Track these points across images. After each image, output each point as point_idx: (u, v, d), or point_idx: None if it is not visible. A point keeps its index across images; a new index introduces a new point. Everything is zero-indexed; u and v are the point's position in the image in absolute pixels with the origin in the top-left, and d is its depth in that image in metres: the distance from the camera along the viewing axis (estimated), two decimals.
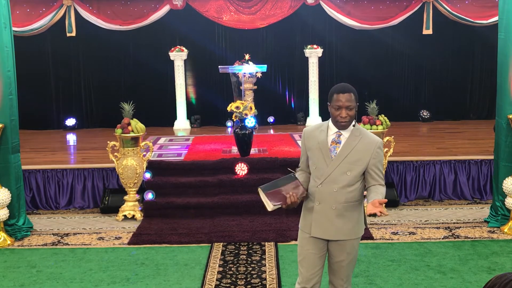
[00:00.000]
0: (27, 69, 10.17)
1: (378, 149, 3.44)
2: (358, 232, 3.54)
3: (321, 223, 3.48)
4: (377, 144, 3.45)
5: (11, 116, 6.24)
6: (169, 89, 10.91)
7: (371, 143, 3.44)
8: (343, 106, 3.39)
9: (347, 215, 3.46)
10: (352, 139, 3.44)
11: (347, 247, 3.51)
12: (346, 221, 3.46)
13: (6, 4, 6.23)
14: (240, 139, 7.56)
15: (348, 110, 3.40)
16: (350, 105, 3.40)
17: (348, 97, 3.41)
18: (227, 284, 4.98)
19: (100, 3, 10.63)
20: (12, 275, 5.27)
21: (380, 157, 3.46)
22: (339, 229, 3.47)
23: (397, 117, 10.20)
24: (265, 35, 11.20)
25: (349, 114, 3.40)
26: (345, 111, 3.40)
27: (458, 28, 10.88)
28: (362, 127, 3.57)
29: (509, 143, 6.31)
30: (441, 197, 7.62)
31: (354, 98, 3.44)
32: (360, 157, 3.41)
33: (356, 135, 3.46)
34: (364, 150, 3.42)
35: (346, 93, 3.42)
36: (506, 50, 6.24)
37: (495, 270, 5.16)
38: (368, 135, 3.50)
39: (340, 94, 3.41)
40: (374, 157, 3.42)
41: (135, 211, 6.95)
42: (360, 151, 3.42)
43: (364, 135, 3.48)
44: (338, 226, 3.46)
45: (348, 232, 3.48)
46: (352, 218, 3.48)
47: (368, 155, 3.41)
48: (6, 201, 6.12)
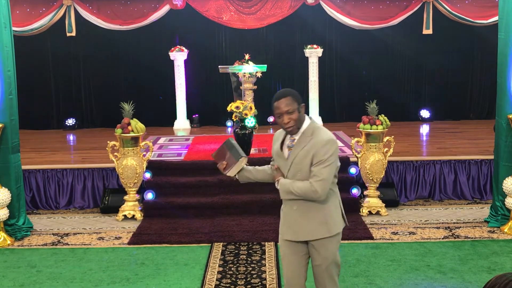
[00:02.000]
0: (27, 69, 10.18)
1: (322, 147, 3.34)
2: (326, 231, 3.44)
3: (288, 224, 3.51)
4: (321, 142, 3.35)
5: (11, 116, 6.24)
6: (169, 89, 10.91)
7: (318, 142, 3.36)
8: (283, 112, 3.36)
9: (311, 215, 3.43)
10: (302, 141, 3.40)
11: (320, 250, 3.46)
12: (310, 221, 3.43)
13: (6, 4, 6.22)
14: (240, 139, 7.56)
15: (289, 115, 3.35)
16: (289, 109, 3.35)
17: (285, 102, 3.35)
18: (227, 284, 4.98)
19: (100, 3, 10.63)
20: (12, 275, 5.27)
21: (323, 155, 3.33)
22: (304, 229, 3.45)
23: (397, 117, 10.20)
24: (265, 35, 11.20)
25: (292, 118, 3.36)
26: (287, 116, 3.36)
27: (458, 28, 10.88)
28: (317, 126, 3.46)
29: (509, 143, 6.31)
30: (441, 197, 7.62)
31: (293, 100, 3.37)
32: (305, 157, 3.37)
33: (307, 136, 3.40)
34: (310, 150, 3.36)
35: (282, 98, 3.37)
36: (506, 50, 6.24)
37: (495, 270, 5.16)
38: (319, 135, 3.40)
39: (276, 101, 3.39)
40: (316, 155, 3.33)
41: (135, 211, 6.95)
42: (307, 151, 3.37)
43: (316, 136, 3.39)
44: (302, 226, 3.45)
45: (314, 232, 3.44)
46: (317, 217, 3.43)
47: (312, 154, 3.35)
48: (6, 201, 6.12)
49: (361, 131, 6.96)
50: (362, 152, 6.99)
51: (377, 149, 6.93)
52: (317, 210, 3.42)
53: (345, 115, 11.29)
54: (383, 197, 7.11)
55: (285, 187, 3.42)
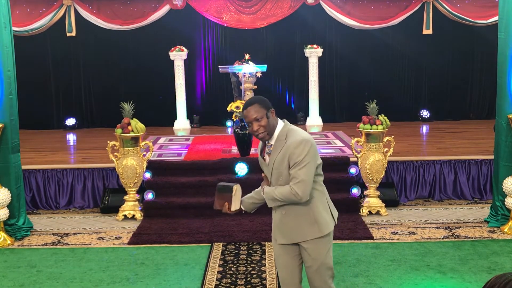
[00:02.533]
0: (27, 69, 10.17)
1: (295, 148, 3.31)
2: (317, 232, 3.42)
3: (279, 229, 3.52)
4: (294, 144, 3.32)
5: (11, 116, 6.24)
6: (169, 89, 10.91)
7: (291, 144, 3.33)
8: (251, 120, 3.36)
9: (300, 217, 3.42)
10: (277, 146, 3.40)
11: (310, 251, 3.45)
12: (300, 223, 3.43)
13: (6, 4, 6.22)
14: (240, 138, 7.56)
15: (258, 122, 3.35)
16: (256, 116, 3.34)
17: (253, 109, 3.36)
18: (227, 284, 4.98)
19: (100, 3, 10.64)
20: (12, 275, 5.27)
21: (297, 156, 3.31)
22: (294, 232, 3.45)
23: (397, 117, 10.19)
24: (265, 35, 11.20)
25: (261, 125, 3.36)
26: (256, 124, 3.36)
27: (458, 28, 10.88)
28: (290, 129, 3.43)
29: (509, 143, 6.31)
30: (441, 197, 7.62)
31: (260, 107, 3.37)
32: (282, 161, 3.36)
33: (282, 139, 3.40)
34: (285, 153, 3.35)
35: (248, 106, 3.38)
36: (506, 50, 6.23)
37: (495, 270, 5.16)
38: (292, 136, 3.38)
39: (244, 110, 3.41)
40: (291, 158, 3.32)
41: (135, 211, 6.95)
42: (283, 155, 3.36)
43: (289, 137, 3.38)
44: (293, 229, 3.45)
45: (305, 233, 3.42)
46: (306, 219, 3.41)
47: (287, 157, 3.34)
48: (6, 201, 6.12)
49: (361, 131, 6.96)
50: (362, 152, 6.99)
51: (377, 149, 6.93)
52: (305, 212, 3.41)
53: (345, 115, 11.29)
54: (383, 197, 7.11)
55: (269, 195, 3.42)
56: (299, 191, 3.30)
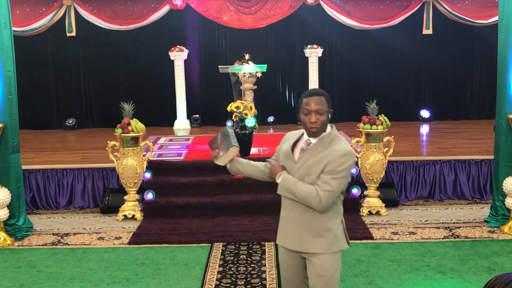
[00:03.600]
0: (27, 69, 10.17)
1: (339, 157, 3.09)
2: (325, 246, 3.16)
3: (285, 230, 3.28)
4: (339, 152, 3.11)
5: (11, 116, 6.24)
6: (169, 89, 10.91)
7: (336, 150, 3.12)
8: (312, 110, 3.11)
9: (311, 225, 3.17)
10: (318, 146, 3.16)
11: (315, 266, 3.18)
12: (307, 231, 3.17)
13: (6, 4, 6.22)
14: (240, 139, 7.55)
15: (318, 115, 3.11)
16: (319, 109, 3.11)
17: (318, 101, 3.12)
18: (227, 284, 4.98)
19: (100, 3, 10.63)
20: (12, 275, 5.27)
21: (338, 165, 3.09)
22: (300, 240, 3.19)
23: (397, 117, 10.19)
24: (265, 35, 11.20)
25: (320, 119, 3.12)
26: (315, 116, 3.11)
27: (458, 28, 10.88)
28: (338, 136, 3.22)
29: (509, 143, 6.31)
30: (441, 197, 7.62)
31: (326, 102, 3.14)
32: (318, 163, 3.12)
33: (325, 142, 3.17)
34: (326, 156, 3.11)
35: (315, 95, 3.14)
36: (506, 50, 6.24)
37: (495, 270, 5.16)
38: (338, 144, 3.16)
39: (309, 97, 3.14)
40: (329, 163, 3.09)
41: (135, 211, 6.95)
42: (322, 157, 3.12)
43: (334, 144, 3.16)
44: (300, 236, 3.19)
45: (310, 245, 3.16)
46: (315, 229, 3.17)
47: (325, 161, 3.11)
48: (6, 201, 6.12)
49: (361, 131, 6.97)
50: (362, 152, 6.99)
51: (377, 149, 6.93)
52: (318, 222, 3.17)
53: (345, 115, 11.28)
54: (383, 197, 7.11)
55: (287, 183, 3.16)
56: (323, 198, 3.08)
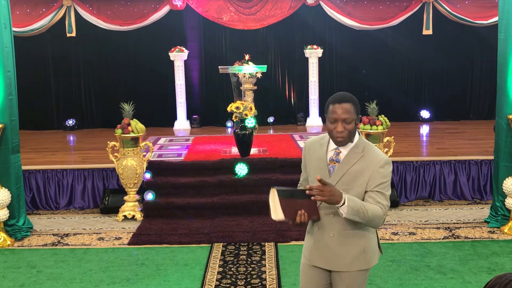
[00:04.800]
0: (27, 69, 10.17)
1: (381, 168, 2.91)
2: (363, 263, 3.03)
3: (321, 250, 3.06)
4: (379, 163, 2.91)
5: (11, 116, 6.24)
6: (169, 90, 10.91)
7: (373, 161, 2.92)
8: (339, 119, 2.87)
9: (349, 243, 3.00)
10: (351, 157, 2.95)
11: (347, 282, 3.04)
12: (347, 250, 3.00)
13: (6, 4, 6.23)
14: (240, 139, 7.56)
15: (346, 124, 2.87)
16: (347, 118, 2.87)
17: (346, 108, 2.87)
18: (227, 284, 4.98)
19: (100, 3, 10.64)
20: (12, 275, 5.27)
21: (383, 178, 2.92)
22: (339, 259, 3.02)
23: (397, 117, 10.21)
24: (265, 35, 11.20)
25: (347, 128, 2.88)
26: (342, 125, 2.87)
27: (458, 28, 10.88)
28: (367, 142, 3.03)
29: (509, 143, 6.31)
30: (441, 197, 7.62)
31: (354, 110, 2.89)
32: (357, 177, 2.91)
33: (357, 152, 2.95)
34: (362, 170, 2.91)
35: (343, 103, 2.88)
36: (506, 50, 6.24)
37: (495, 270, 5.16)
38: (372, 152, 2.96)
39: (336, 104, 2.88)
40: (374, 177, 2.90)
41: (135, 212, 6.95)
42: (358, 171, 2.92)
43: (368, 152, 2.95)
44: (338, 255, 3.01)
45: (350, 263, 3.01)
46: (355, 247, 3.00)
47: (367, 176, 2.91)
48: (6, 202, 6.12)
49: (361, 131, 6.96)
50: None
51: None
52: (357, 239, 3.00)
53: None
54: None
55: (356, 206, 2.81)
56: (385, 211, 2.93)
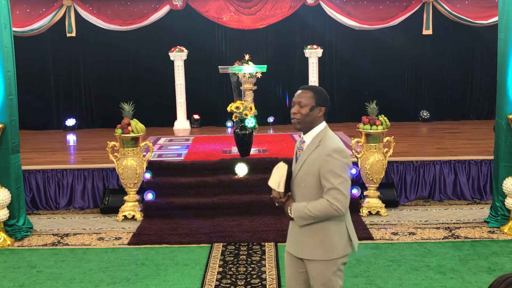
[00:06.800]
0: (27, 69, 10.17)
1: (328, 156, 3.03)
2: (323, 254, 3.12)
3: (291, 237, 3.27)
4: (326, 152, 3.05)
5: (11, 116, 6.24)
6: (169, 89, 10.91)
7: (323, 150, 3.06)
8: (295, 102, 3.16)
9: (311, 232, 3.12)
10: (310, 147, 3.14)
11: (312, 271, 3.17)
12: (309, 238, 3.13)
13: (6, 4, 6.23)
14: (240, 139, 7.56)
15: (300, 107, 3.13)
16: (301, 101, 3.13)
17: (303, 94, 3.15)
18: (227, 284, 4.98)
19: (100, 3, 10.64)
20: (12, 275, 5.27)
21: (331, 166, 3.02)
22: (303, 246, 3.16)
23: (397, 117, 10.21)
24: (265, 35, 11.20)
25: (300, 112, 3.12)
26: (296, 107, 3.15)
27: (458, 28, 10.89)
28: (328, 133, 3.18)
29: (509, 143, 6.31)
30: (441, 197, 7.62)
31: (312, 96, 3.14)
32: (312, 166, 3.08)
33: (315, 142, 3.13)
34: (315, 159, 3.08)
35: (303, 89, 3.19)
36: (506, 50, 6.24)
37: (495, 270, 5.17)
38: (327, 142, 3.11)
39: (298, 91, 3.21)
40: (323, 166, 3.04)
41: (135, 212, 6.95)
42: (312, 161, 3.09)
43: (323, 143, 3.11)
44: (303, 242, 3.16)
45: (311, 251, 3.13)
46: (315, 236, 3.12)
47: (318, 165, 3.05)
48: (6, 202, 6.12)
49: (361, 131, 6.97)
50: (362, 152, 6.99)
51: (377, 149, 6.93)
52: (318, 230, 3.12)
53: (345, 116, 11.29)
54: (383, 198, 7.11)
55: (300, 212, 3.08)
56: (338, 204, 3.01)
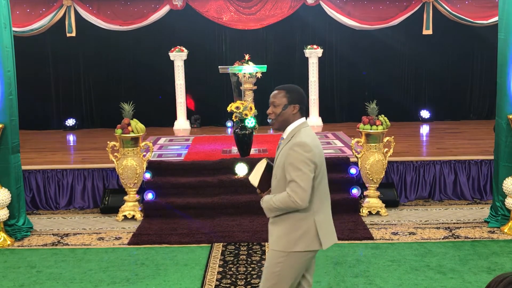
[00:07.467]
0: (27, 69, 10.18)
1: (290, 149, 3.16)
2: (282, 245, 3.23)
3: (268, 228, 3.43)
4: (290, 145, 3.18)
5: (11, 116, 6.24)
6: (169, 89, 10.92)
7: (288, 144, 3.20)
8: (270, 102, 3.33)
9: (277, 223, 3.27)
10: (284, 142, 3.27)
11: (268, 258, 3.34)
12: (275, 228, 3.28)
13: (6, 4, 6.23)
14: (240, 139, 7.56)
15: (273, 107, 3.30)
16: (274, 101, 3.29)
17: (276, 93, 3.31)
18: (227, 284, 4.98)
19: (100, 3, 10.64)
20: (12, 275, 5.27)
21: (291, 159, 3.14)
22: (271, 236, 3.33)
23: (397, 117, 10.21)
24: (265, 35, 11.21)
25: (274, 111, 3.29)
26: (271, 107, 3.32)
27: (458, 28, 10.89)
28: (300, 130, 3.25)
29: (509, 143, 6.31)
30: (441, 197, 7.62)
31: (284, 96, 3.29)
32: (280, 160, 3.23)
33: (288, 138, 3.26)
34: (284, 153, 3.21)
35: (277, 90, 3.34)
36: (506, 50, 6.24)
37: (495, 270, 5.16)
38: (295, 137, 3.22)
39: (273, 91, 3.37)
40: (286, 159, 3.17)
41: (135, 211, 6.95)
42: (283, 154, 3.22)
43: (293, 138, 3.22)
44: (271, 232, 3.34)
45: (274, 241, 3.28)
46: (279, 227, 3.25)
47: (283, 158, 3.20)
48: (6, 201, 6.12)
49: (361, 131, 6.96)
50: (362, 152, 6.99)
51: (377, 149, 6.93)
52: (284, 221, 3.23)
53: (345, 116, 11.29)
54: (383, 198, 7.11)
55: (267, 204, 3.26)
56: (297, 198, 3.12)
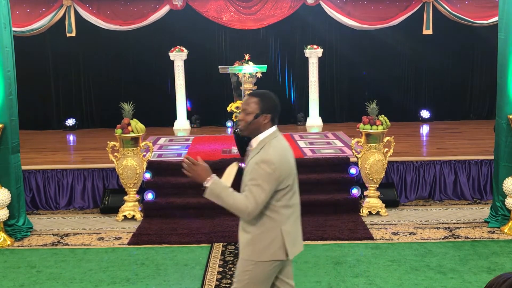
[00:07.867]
0: (27, 69, 10.17)
1: (255, 164, 3.05)
2: (249, 254, 3.16)
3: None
4: (257, 160, 3.06)
5: (11, 116, 6.24)
6: (169, 89, 10.91)
7: (256, 158, 3.08)
8: (242, 109, 3.26)
9: (244, 231, 3.21)
10: (253, 153, 3.17)
11: (237, 269, 3.26)
12: (244, 236, 3.20)
13: (6, 4, 6.23)
14: (240, 139, 7.55)
15: (244, 114, 3.18)
16: (246, 109, 3.17)
17: (249, 100, 3.19)
18: (227, 284, 4.98)
19: (100, 3, 10.64)
20: (12, 275, 5.27)
21: (254, 174, 3.04)
22: (239, 242, 3.26)
23: (397, 117, 10.20)
24: (265, 35, 11.20)
25: (244, 119, 3.17)
26: (242, 114, 3.21)
27: (458, 28, 10.88)
28: (271, 142, 3.14)
29: (509, 143, 6.31)
30: (441, 197, 7.61)
31: (257, 104, 3.16)
32: (247, 170, 3.13)
33: (258, 148, 3.15)
34: (251, 165, 3.11)
35: (249, 96, 3.24)
36: (506, 50, 6.24)
37: (495, 270, 5.16)
38: (264, 150, 3.10)
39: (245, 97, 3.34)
40: (251, 171, 3.07)
41: (135, 211, 6.95)
42: (250, 165, 3.11)
43: (263, 150, 3.10)
44: (239, 237, 3.26)
45: (242, 249, 3.22)
46: (245, 235, 3.19)
47: (250, 170, 3.10)
48: (6, 201, 6.12)
49: (361, 131, 6.96)
50: (362, 152, 6.99)
51: (377, 149, 6.93)
52: (249, 229, 3.17)
53: (345, 116, 11.29)
54: (383, 198, 7.11)
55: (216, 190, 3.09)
56: (250, 207, 3.02)
